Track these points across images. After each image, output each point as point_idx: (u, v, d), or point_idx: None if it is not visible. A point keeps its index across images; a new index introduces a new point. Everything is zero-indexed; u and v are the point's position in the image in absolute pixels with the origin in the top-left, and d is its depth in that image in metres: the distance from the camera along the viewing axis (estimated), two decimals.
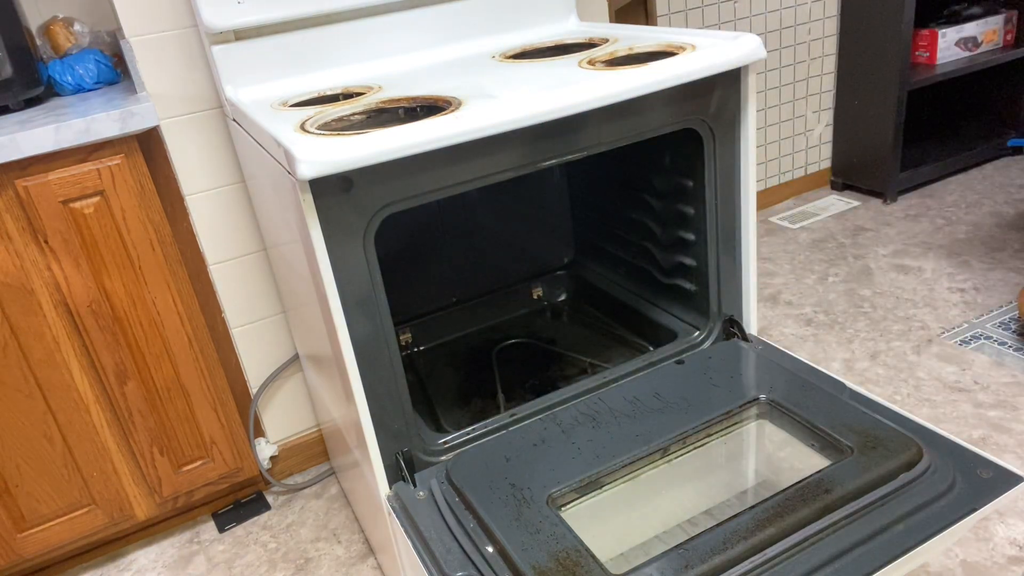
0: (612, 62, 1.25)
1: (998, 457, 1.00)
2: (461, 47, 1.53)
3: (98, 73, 1.49)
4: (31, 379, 1.36)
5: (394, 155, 0.99)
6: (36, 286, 1.31)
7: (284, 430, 1.79)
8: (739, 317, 1.38)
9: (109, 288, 1.36)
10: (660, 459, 1.15)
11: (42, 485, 1.43)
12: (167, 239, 1.39)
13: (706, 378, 1.30)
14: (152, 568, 1.61)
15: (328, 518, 1.68)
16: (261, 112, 1.24)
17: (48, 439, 1.41)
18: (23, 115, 1.36)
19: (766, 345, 1.35)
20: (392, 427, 1.14)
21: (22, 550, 1.46)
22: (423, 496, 1.11)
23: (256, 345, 1.68)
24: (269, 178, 1.21)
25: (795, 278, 2.35)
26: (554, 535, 0.99)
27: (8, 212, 1.26)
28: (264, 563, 1.58)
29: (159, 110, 1.42)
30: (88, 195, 1.30)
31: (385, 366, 1.11)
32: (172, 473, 1.54)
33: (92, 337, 1.37)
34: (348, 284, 1.04)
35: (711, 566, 0.91)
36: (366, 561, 1.55)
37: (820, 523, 0.96)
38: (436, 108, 1.11)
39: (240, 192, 1.56)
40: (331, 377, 1.26)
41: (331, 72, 1.44)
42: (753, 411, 1.23)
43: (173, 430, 1.51)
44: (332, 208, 1.00)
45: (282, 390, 1.75)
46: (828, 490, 0.99)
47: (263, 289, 1.65)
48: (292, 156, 0.95)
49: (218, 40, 1.37)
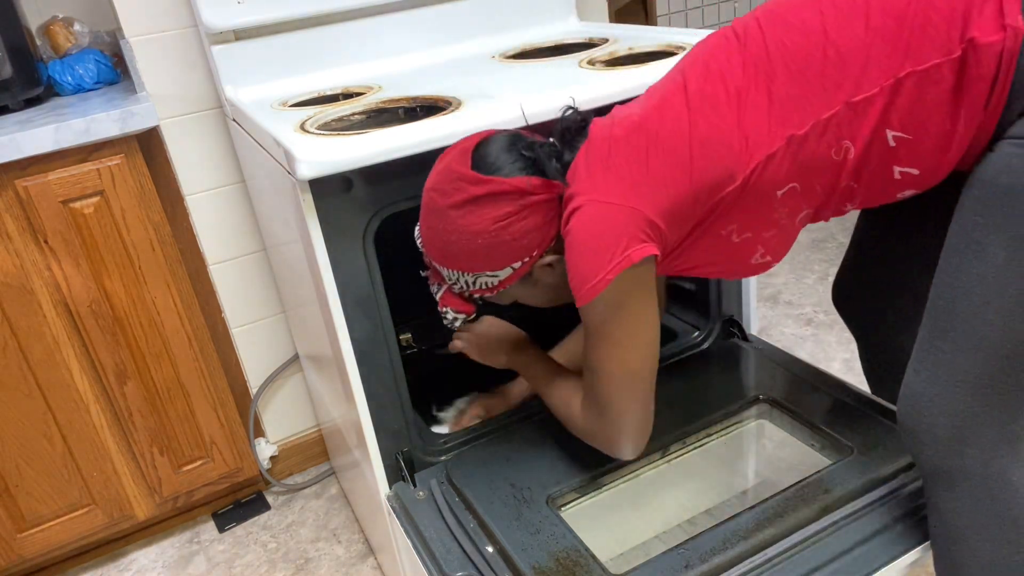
0: (612, 62, 1.25)
1: None
2: (461, 47, 1.53)
3: (98, 73, 1.49)
4: (31, 379, 1.36)
5: (394, 155, 0.99)
6: (36, 286, 1.31)
7: (284, 430, 1.79)
8: (739, 317, 1.38)
9: (109, 288, 1.36)
10: (660, 459, 1.15)
11: (42, 485, 1.43)
12: (167, 239, 1.39)
13: (706, 378, 1.30)
14: (152, 568, 1.61)
15: (328, 518, 1.68)
16: (261, 112, 1.24)
17: (48, 439, 1.41)
18: (23, 115, 1.36)
19: (766, 345, 1.35)
20: (392, 427, 1.14)
21: (22, 550, 1.46)
22: (423, 496, 1.11)
23: (256, 345, 1.68)
24: (269, 178, 1.21)
25: (795, 278, 2.35)
26: (554, 535, 0.99)
27: (8, 212, 1.26)
28: (264, 563, 1.58)
29: (159, 110, 1.42)
30: (88, 195, 1.30)
31: (385, 366, 1.11)
32: (172, 473, 1.53)
33: (92, 337, 1.37)
34: (348, 284, 1.04)
35: (711, 566, 0.91)
36: (366, 561, 1.55)
37: (820, 523, 0.96)
38: (436, 108, 1.11)
39: (240, 192, 1.56)
40: (331, 377, 1.26)
41: (331, 72, 1.44)
42: (753, 411, 1.23)
43: (173, 430, 1.51)
44: (332, 208, 1.00)
45: (282, 390, 1.75)
46: (828, 490, 0.99)
47: (263, 289, 1.65)
48: (292, 156, 0.95)
49: (218, 40, 1.37)
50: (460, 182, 0.91)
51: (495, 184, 0.90)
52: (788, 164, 0.84)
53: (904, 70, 0.78)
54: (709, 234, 0.91)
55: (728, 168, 0.85)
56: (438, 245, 0.95)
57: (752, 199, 0.87)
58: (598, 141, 0.91)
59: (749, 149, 0.84)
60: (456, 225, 0.92)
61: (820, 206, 0.91)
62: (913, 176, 0.84)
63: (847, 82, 0.80)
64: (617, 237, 0.86)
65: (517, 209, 0.90)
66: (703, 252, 0.94)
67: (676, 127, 0.86)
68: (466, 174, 0.91)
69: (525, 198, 0.90)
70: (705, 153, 0.85)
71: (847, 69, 0.80)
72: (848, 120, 0.81)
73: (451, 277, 0.98)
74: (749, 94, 0.84)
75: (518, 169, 0.91)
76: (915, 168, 0.84)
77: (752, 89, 0.84)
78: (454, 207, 0.91)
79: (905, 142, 0.81)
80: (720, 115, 0.85)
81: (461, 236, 0.92)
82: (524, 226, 0.91)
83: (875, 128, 0.81)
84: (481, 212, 0.90)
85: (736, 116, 0.84)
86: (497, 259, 0.93)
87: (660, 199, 0.86)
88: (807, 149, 0.83)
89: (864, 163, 0.84)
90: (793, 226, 0.93)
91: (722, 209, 0.88)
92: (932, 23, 0.76)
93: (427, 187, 0.96)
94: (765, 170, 0.85)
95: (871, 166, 0.84)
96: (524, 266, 0.94)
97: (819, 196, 0.89)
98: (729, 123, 0.84)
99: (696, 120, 0.85)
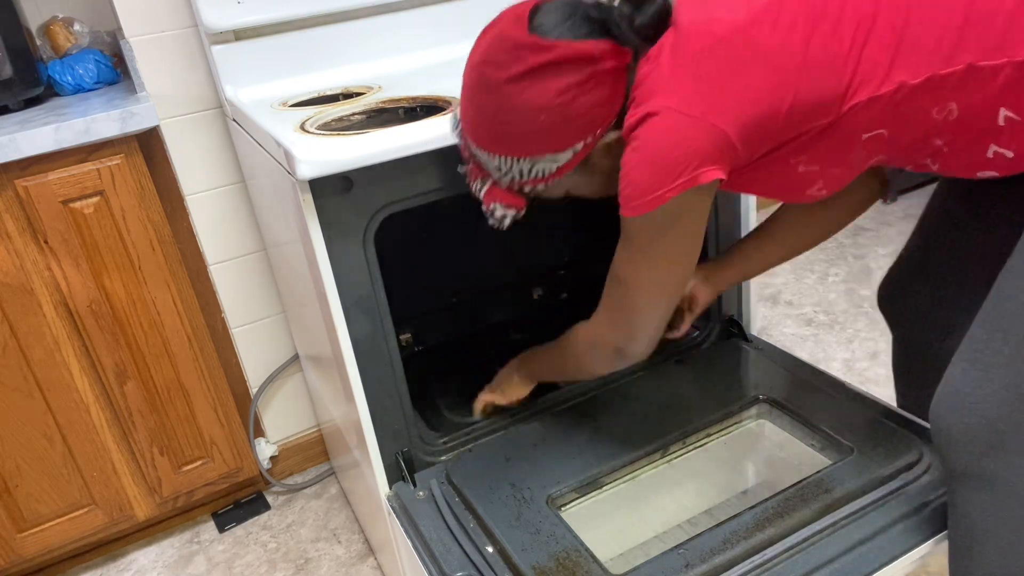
0: None
1: None
2: (461, 47, 1.52)
3: (98, 73, 1.49)
4: (31, 379, 1.36)
5: (394, 155, 0.99)
6: (36, 286, 1.31)
7: (284, 430, 1.79)
8: (739, 317, 1.38)
9: (109, 288, 1.36)
10: (660, 459, 1.15)
11: (42, 485, 1.43)
12: (167, 239, 1.39)
13: (706, 378, 1.29)
14: (152, 568, 1.61)
15: (328, 518, 1.68)
16: (261, 112, 1.24)
17: (48, 439, 1.41)
18: (23, 115, 1.36)
19: (766, 345, 1.35)
20: (392, 427, 1.14)
21: (22, 550, 1.46)
22: (423, 496, 1.11)
23: (256, 345, 1.68)
24: (269, 178, 1.21)
25: (795, 278, 2.35)
26: (554, 535, 0.99)
27: (8, 212, 1.26)
28: (264, 563, 1.58)
29: (159, 110, 1.42)
30: (88, 195, 1.30)
31: (385, 366, 1.11)
32: (172, 473, 1.53)
33: (92, 337, 1.37)
34: (348, 284, 1.04)
35: (711, 566, 0.91)
36: (366, 561, 1.55)
37: (820, 523, 0.96)
38: (436, 108, 1.11)
39: (240, 192, 1.56)
40: (331, 377, 1.26)
41: (331, 72, 1.44)
42: (753, 411, 1.23)
43: (173, 430, 1.50)
44: (332, 208, 1.00)
45: (282, 390, 1.75)
46: (828, 490, 0.99)
47: (263, 289, 1.65)
48: (292, 156, 0.95)
49: (218, 40, 1.37)
50: (519, 50, 0.81)
51: (560, 49, 0.79)
52: (888, 110, 0.78)
53: None
54: (779, 161, 0.84)
55: (828, 100, 0.77)
56: (489, 128, 0.85)
57: (837, 136, 0.80)
58: (690, 35, 0.80)
59: (856, 84, 0.76)
60: (514, 102, 0.82)
61: (900, 156, 0.85)
62: (1006, 159, 0.79)
63: (979, 43, 0.73)
64: (689, 155, 0.77)
65: (585, 78, 0.80)
66: (766, 176, 0.87)
67: (787, 42, 0.77)
68: (525, 40, 0.80)
69: (595, 64, 0.80)
70: (812, 77, 0.77)
71: (985, 29, 0.72)
72: (964, 84, 0.74)
73: (502, 167, 0.87)
74: (875, 21, 0.76)
75: (584, 33, 0.80)
76: (1011, 151, 0.78)
77: (879, 16, 0.76)
78: (512, 80, 0.81)
79: (1015, 124, 0.75)
80: (839, 39, 0.76)
81: (520, 114, 0.82)
82: (591, 99, 0.81)
83: (990, 101, 0.75)
84: (544, 83, 0.80)
85: (854, 42, 0.76)
86: (559, 138, 0.84)
87: (746, 119, 0.78)
88: (913, 101, 0.76)
89: (963, 131, 0.78)
90: (862, 167, 0.87)
91: (804, 139, 0.81)
92: None
93: (474, 62, 0.86)
94: (864, 110, 0.78)
95: (968, 136, 0.79)
96: (586, 148, 0.85)
97: (903, 148, 0.83)
98: (845, 48, 0.76)
99: (812, 37, 0.76)
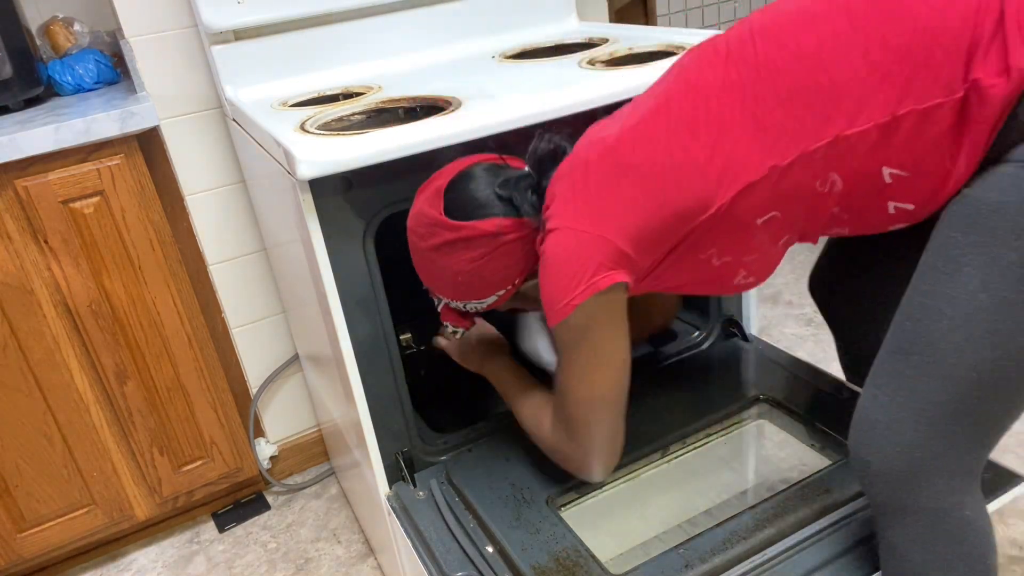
0: (612, 62, 1.25)
1: (998, 457, 1.00)
2: (461, 47, 1.53)
3: (98, 73, 1.49)
4: (31, 379, 1.36)
5: (394, 155, 0.99)
6: (36, 286, 1.31)
7: (284, 430, 1.79)
8: (739, 317, 1.38)
9: (109, 288, 1.36)
10: (660, 459, 1.15)
11: (42, 485, 1.43)
12: (167, 239, 1.39)
13: (706, 378, 1.30)
14: (152, 568, 1.61)
15: (328, 518, 1.68)
16: (261, 112, 1.24)
17: (48, 439, 1.41)
18: (23, 115, 1.36)
19: (766, 345, 1.35)
20: (392, 427, 1.14)
21: (22, 550, 1.46)
22: (423, 496, 1.11)
23: (256, 345, 1.68)
24: (269, 178, 1.21)
25: (795, 278, 2.35)
26: (554, 535, 0.99)
27: (8, 212, 1.26)
28: (264, 563, 1.58)
29: (159, 110, 1.42)
30: (88, 195, 1.30)
31: (385, 366, 1.11)
32: (172, 473, 1.53)
33: (92, 337, 1.37)
34: (348, 284, 1.04)
35: (711, 566, 0.91)
36: (366, 561, 1.55)
37: (820, 523, 0.96)
38: (436, 108, 1.11)
39: (240, 192, 1.56)
40: (331, 377, 1.26)
41: (331, 72, 1.44)
42: (753, 411, 1.23)
43: (173, 430, 1.50)
44: (332, 208, 1.00)
45: (282, 390, 1.75)
46: (828, 490, 0.99)
47: (263, 289, 1.65)
48: (292, 156, 0.95)
49: (218, 40, 1.37)
50: (433, 227, 0.94)
51: (467, 230, 0.92)
52: (768, 194, 0.82)
53: (904, 108, 0.74)
54: (687, 258, 0.90)
55: (701, 197, 0.83)
56: (427, 277, 1.01)
57: (729, 226, 0.85)
58: (576, 162, 0.90)
59: (727, 177, 0.82)
60: (439, 264, 0.97)
61: (804, 232, 0.89)
62: (908, 211, 0.82)
63: (839, 115, 0.77)
64: (584, 264, 0.86)
65: (491, 250, 0.93)
66: (683, 274, 0.92)
67: (650, 153, 0.85)
68: (438, 220, 0.93)
69: (498, 239, 0.93)
70: (678, 181, 0.83)
71: (840, 102, 0.76)
72: (837, 154, 0.78)
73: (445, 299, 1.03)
74: (733, 117, 0.81)
75: (490, 211, 0.93)
76: (910, 203, 0.81)
77: (736, 112, 0.81)
78: (432, 249, 0.96)
79: (902, 179, 0.79)
80: (698, 140, 0.82)
81: (444, 273, 0.97)
82: (500, 264, 0.94)
83: (868, 164, 0.78)
84: (456, 255, 0.94)
85: (715, 142, 0.81)
86: (480, 291, 0.98)
87: (629, 227, 0.85)
88: (790, 180, 0.81)
89: (854, 196, 0.82)
90: (776, 250, 0.91)
91: (697, 235, 0.86)
92: (935, 61, 0.73)
93: (408, 226, 1.00)
94: (743, 199, 0.82)
95: (862, 199, 0.82)
96: (508, 292, 0.98)
97: (802, 223, 0.87)
98: (706, 149, 0.82)
99: (671, 146, 0.83)
